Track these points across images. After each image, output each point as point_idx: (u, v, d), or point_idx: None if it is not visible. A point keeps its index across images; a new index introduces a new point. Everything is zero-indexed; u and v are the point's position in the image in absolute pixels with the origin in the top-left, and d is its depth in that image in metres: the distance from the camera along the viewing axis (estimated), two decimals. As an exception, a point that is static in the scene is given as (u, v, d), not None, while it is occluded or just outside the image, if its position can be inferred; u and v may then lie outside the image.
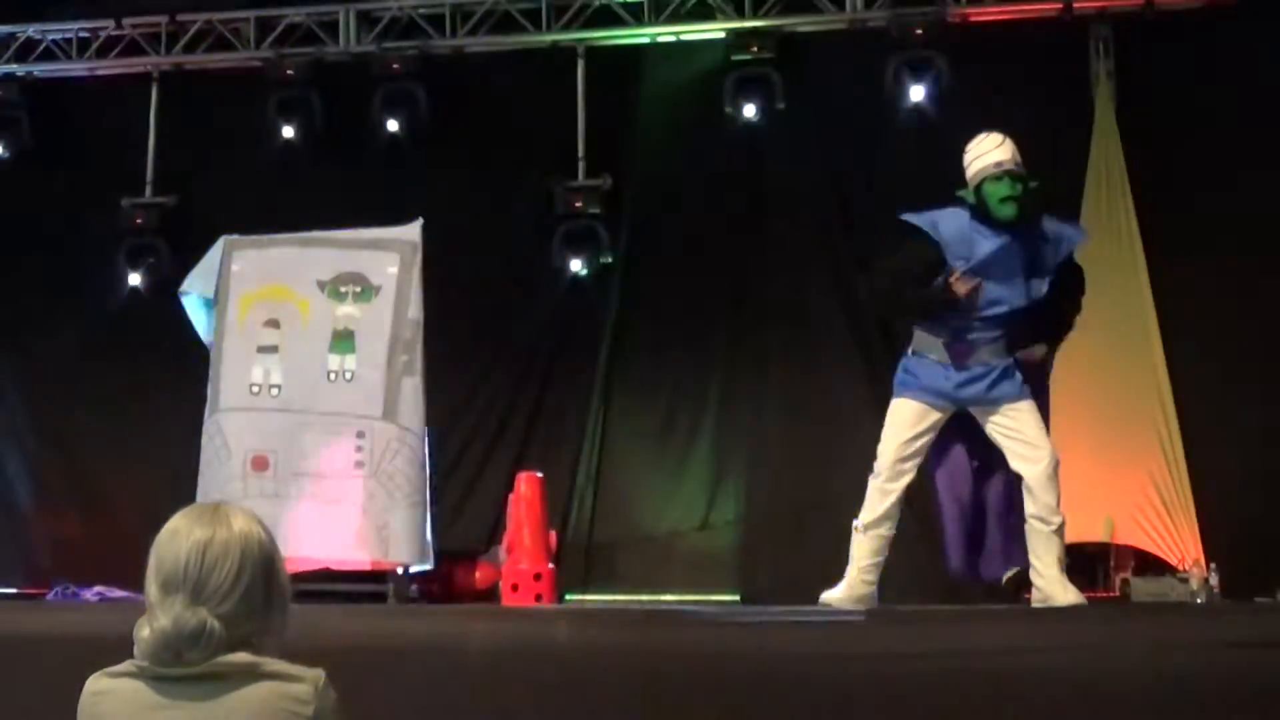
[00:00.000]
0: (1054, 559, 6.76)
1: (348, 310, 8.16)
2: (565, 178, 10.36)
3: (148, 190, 11.04)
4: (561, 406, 10.24)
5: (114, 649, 3.09)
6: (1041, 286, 6.94)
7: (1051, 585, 6.71)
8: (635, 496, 10.16)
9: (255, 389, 8.26)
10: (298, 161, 10.79)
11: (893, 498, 6.93)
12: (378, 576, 8.27)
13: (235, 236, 8.53)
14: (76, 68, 11.41)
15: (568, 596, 9.11)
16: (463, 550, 9.23)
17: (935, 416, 6.99)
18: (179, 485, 8.78)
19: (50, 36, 11.41)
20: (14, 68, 11.36)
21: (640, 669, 5.13)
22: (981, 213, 6.86)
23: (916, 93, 9.84)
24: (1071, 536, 7.04)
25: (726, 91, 10.15)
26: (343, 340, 8.16)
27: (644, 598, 9.67)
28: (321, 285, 8.23)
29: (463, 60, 10.89)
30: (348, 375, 8.13)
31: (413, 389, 8.06)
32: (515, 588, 8.18)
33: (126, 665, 2.94)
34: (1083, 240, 7.26)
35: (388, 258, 8.23)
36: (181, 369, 9.26)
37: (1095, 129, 9.67)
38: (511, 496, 8.53)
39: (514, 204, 10.49)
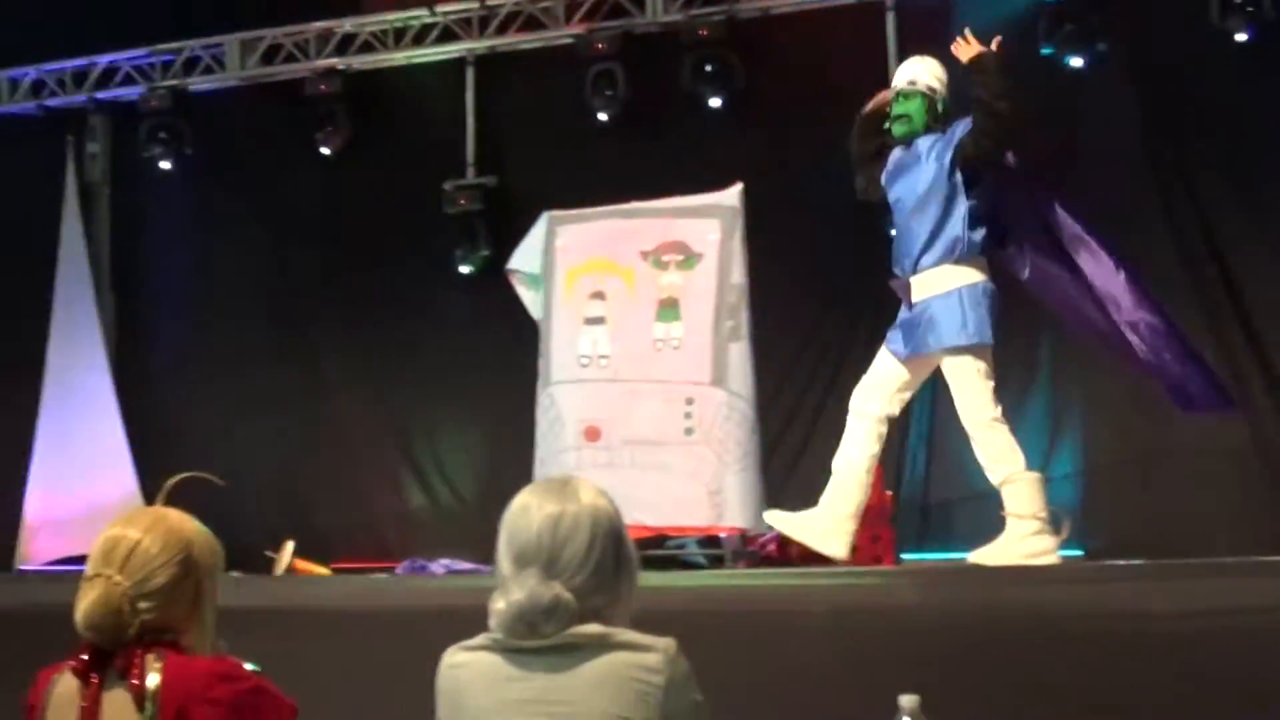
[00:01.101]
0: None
1: (671, 279, 8.19)
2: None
3: (469, 172, 11.26)
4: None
5: (464, 621, 3.14)
6: (937, 196, 6.86)
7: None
8: (969, 453, 9.95)
9: (585, 360, 8.36)
10: (612, 134, 10.86)
11: None
12: (713, 541, 8.30)
13: (558, 212, 8.64)
14: (395, 57, 11.69)
15: (904, 556, 9.00)
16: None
17: None
18: (514, 458, 8.99)
19: (368, 29, 11.71)
20: (335, 61, 11.69)
21: (982, 627, 5.04)
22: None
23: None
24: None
25: (1043, 34, 9.81)
26: (668, 309, 8.20)
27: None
28: (644, 255, 8.27)
29: (771, 22, 10.80)
30: (674, 343, 8.16)
31: (740, 354, 8.04)
32: (853, 549, 8.11)
33: (482, 638, 2.98)
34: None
35: (708, 224, 8.23)
36: (511, 345, 9.43)
37: None
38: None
39: (831, 163, 10.35)
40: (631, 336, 8.28)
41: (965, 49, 6.99)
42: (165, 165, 11.98)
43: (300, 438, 11.56)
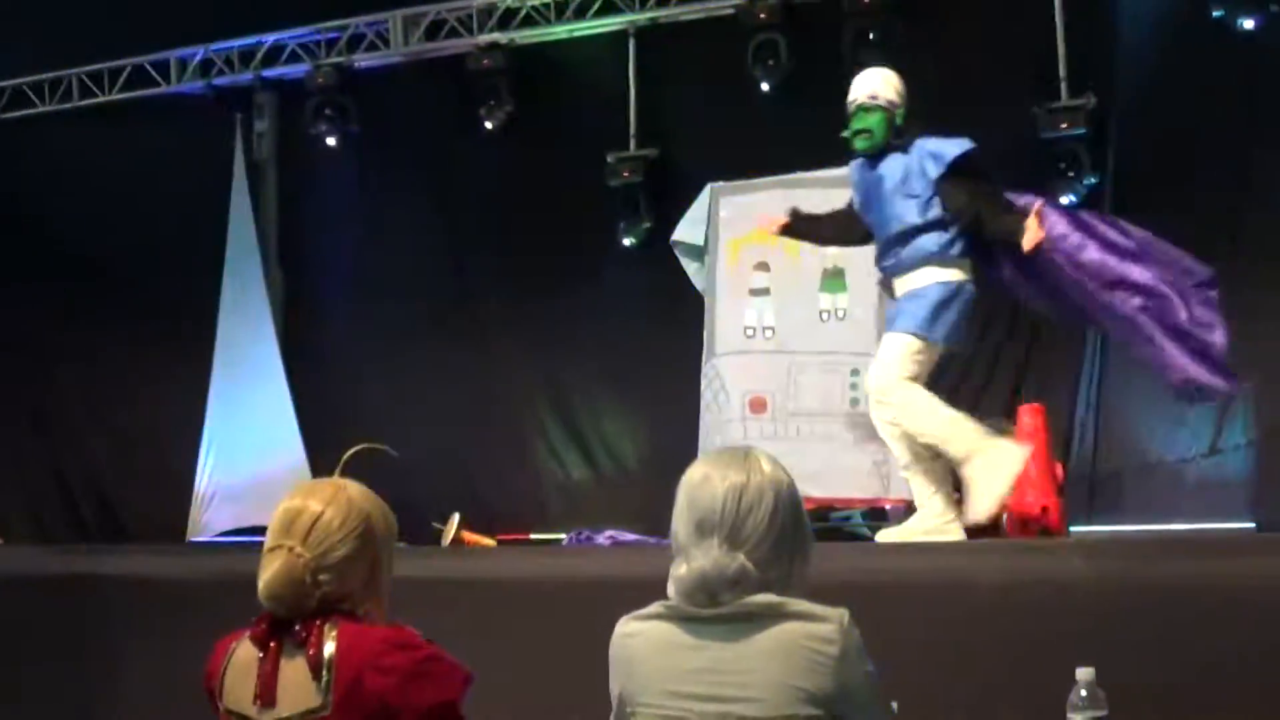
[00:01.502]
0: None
1: (836, 249, 8.15)
2: (1046, 99, 10.04)
3: (631, 144, 11.27)
4: (1057, 334, 9.94)
5: (632, 591, 3.15)
6: (909, 210, 6.82)
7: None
8: (1138, 424, 9.80)
9: (750, 332, 8.36)
10: (775, 104, 10.80)
11: None
12: (880, 513, 8.25)
13: (721, 183, 8.63)
14: (556, 31, 11.72)
15: (1072, 528, 8.88)
16: (958, 484, 9.10)
17: None
18: (678, 430, 9.00)
19: (529, 3, 11.75)
20: (498, 35, 11.75)
21: (1155, 601, 4.95)
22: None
23: None
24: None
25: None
26: (833, 279, 8.17)
27: (1152, 528, 9.35)
28: (809, 226, 8.24)
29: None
30: (840, 314, 8.14)
31: (906, 324, 7.99)
32: (1022, 520, 8.02)
33: (655, 607, 3.00)
34: (958, 153, 6.83)
35: (874, 193, 8.17)
36: (675, 317, 9.43)
37: None
38: (1014, 428, 8.35)
39: (994, 130, 10.19)
40: (796, 307, 8.27)
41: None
42: (331, 142, 12.14)
43: (466, 410, 11.64)
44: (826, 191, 8.31)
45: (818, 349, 8.16)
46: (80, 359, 13.00)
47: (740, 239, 8.50)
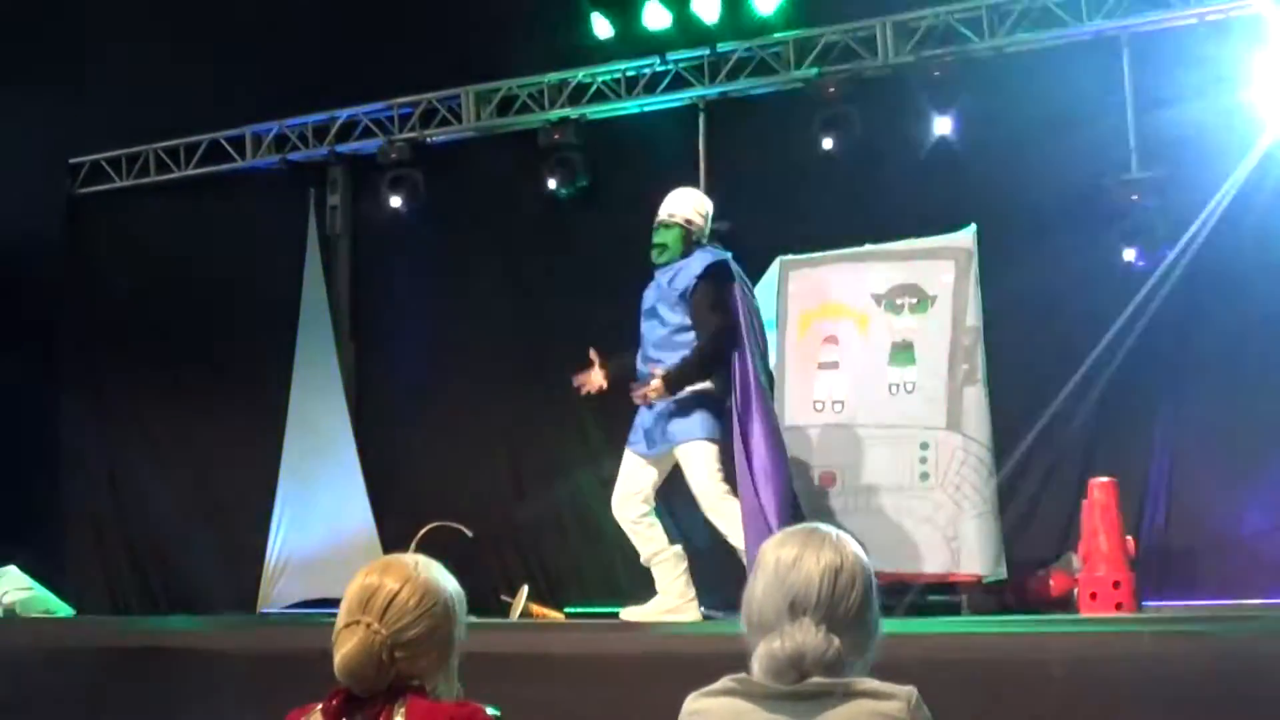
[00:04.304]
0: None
1: (905, 322, 8.15)
2: (1117, 171, 10.02)
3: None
4: (1128, 407, 9.87)
5: (696, 667, 3.16)
6: (668, 319, 7.64)
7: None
8: (1211, 498, 9.71)
9: (819, 405, 8.35)
10: (843, 177, 10.82)
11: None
12: (950, 587, 8.21)
13: (790, 256, 8.65)
14: (627, 105, 11.82)
15: (1144, 603, 8.80)
16: (1035, 559, 9.05)
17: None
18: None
19: (600, 79, 11.86)
20: (569, 111, 11.85)
21: (1230, 679, 4.90)
22: None
23: None
24: None
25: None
26: (902, 352, 8.16)
27: (1225, 603, 9.25)
28: (877, 299, 8.26)
29: (1004, 60, 10.69)
30: (909, 387, 8.12)
31: (975, 398, 7.98)
32: (1094, 596, 7.96)
33: (724, 683, 3.00)
34: (701, 269, 7.58)
35: (942, 266, 8.19)
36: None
37: None
38: (1085, 503, 8.29)
39: (1066, 201, 10.19)
40: (866, 381, 8.26)
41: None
42: (402, 214, 12.24)
43: (535, 482, 11.67)
44: (897, 264, 8.34)
45: (887, 422, 8.14)
46: (154, 429, 13.12)
47: (810, 312, 8.51)
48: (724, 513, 7.47)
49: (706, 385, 7.48)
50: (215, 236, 12.88)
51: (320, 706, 3.16)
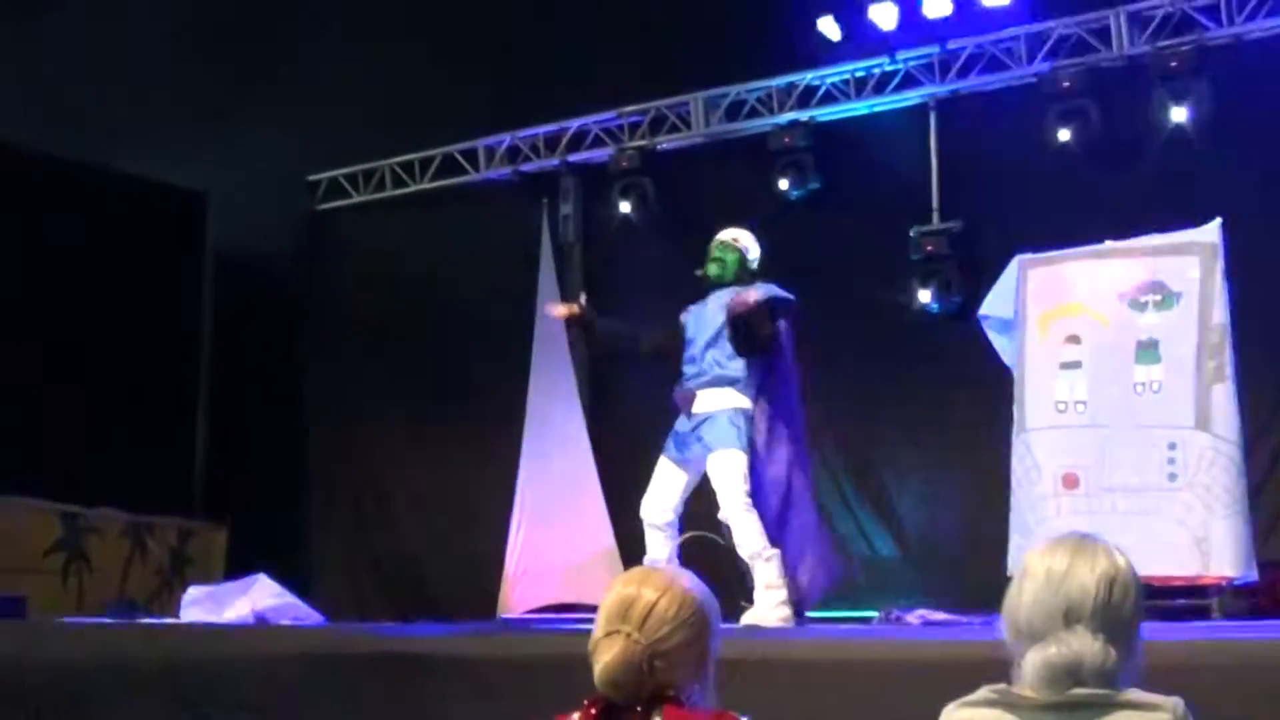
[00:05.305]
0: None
1: (1150, 320, 7.95)
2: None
3: (934, 217, 11.21)
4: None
5: (945, 674, 3.12)
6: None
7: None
8: None
9: (1061, 406, 8.19)
10: (1079, 173, 10.63)
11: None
12: (1199, 590, 8.00)
13: (1028, 255, 8.50)
14: (857, 107, 11.75)
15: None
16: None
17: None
18: (988, 506, 8.88)
19: (828, 80, 11.82)
20: (798, 114, 11.83)
21: None
22: None
23: None
24: None
25: None
26: (1147, 351, 7.95)
27: None
28: (1120, 297, 8.06)
29: (1244, 48, 10.42)
30: (1155, 386, 7.92)
31: (1224, 396, 7.74)
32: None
33: (983, 693, 2.96)
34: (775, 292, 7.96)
35: (1187, 262, 7.96)
36: (984, 392, 9.31)
37: None
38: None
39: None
40: (1109, 381, 8.07)
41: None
42: (632, 221, 12.32)
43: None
44: (1140, 261, 8.14)
45: (1132, 423, 7.95)
46: (394, 439, 13.38)
47: (1050, 311, 8.34)
48: (743, 522, 7.78)
49: (744, 401, 7.95)
50: (451, 247, 13.10)
51: (578, 716, 3.19)
